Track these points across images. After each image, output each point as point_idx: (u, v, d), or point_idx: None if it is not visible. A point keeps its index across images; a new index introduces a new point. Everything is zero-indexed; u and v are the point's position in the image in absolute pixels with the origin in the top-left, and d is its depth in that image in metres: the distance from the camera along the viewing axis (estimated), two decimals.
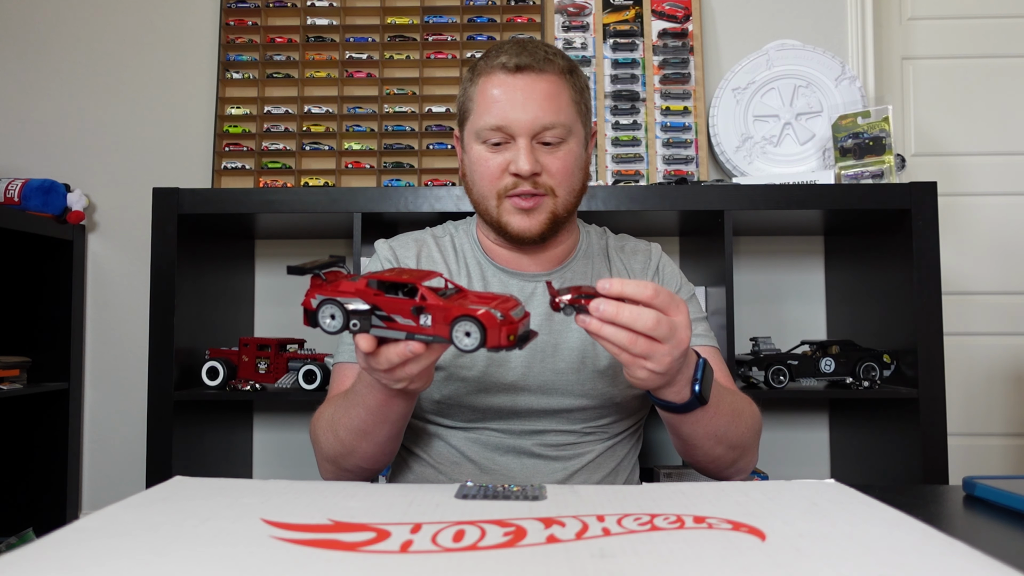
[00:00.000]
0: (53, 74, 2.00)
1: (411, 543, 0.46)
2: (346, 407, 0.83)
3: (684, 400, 0.77)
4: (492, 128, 0.91)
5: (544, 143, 0.92)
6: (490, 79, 0.93)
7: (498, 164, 0.92)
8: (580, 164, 0.96)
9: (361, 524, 0.50)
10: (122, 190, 1.96)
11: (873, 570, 0.41)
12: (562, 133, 0.92)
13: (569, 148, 0.93)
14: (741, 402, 0.89)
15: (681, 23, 1.95)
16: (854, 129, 1.70)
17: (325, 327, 0.67)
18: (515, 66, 0.91)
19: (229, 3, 1.98)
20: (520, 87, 0.91)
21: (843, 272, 1.83)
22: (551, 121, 0.90)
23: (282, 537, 0.47)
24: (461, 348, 0.63)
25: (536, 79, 0.91)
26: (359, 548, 0.45)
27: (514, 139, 0.91)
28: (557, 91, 0.92)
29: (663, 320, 0.68)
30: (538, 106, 0.90)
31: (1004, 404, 1.95)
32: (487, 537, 0.47)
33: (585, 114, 0.97)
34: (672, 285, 1.03)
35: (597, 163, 1.90)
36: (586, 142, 0.99)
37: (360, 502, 0.56)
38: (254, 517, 0.51)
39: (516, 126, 0.90)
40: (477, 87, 0.95)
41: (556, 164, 0.92)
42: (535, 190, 0.91)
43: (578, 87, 0.96)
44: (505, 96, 0.91)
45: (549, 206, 0.92)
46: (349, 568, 0.42)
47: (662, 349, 0.69)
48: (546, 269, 1.00)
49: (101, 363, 1.95)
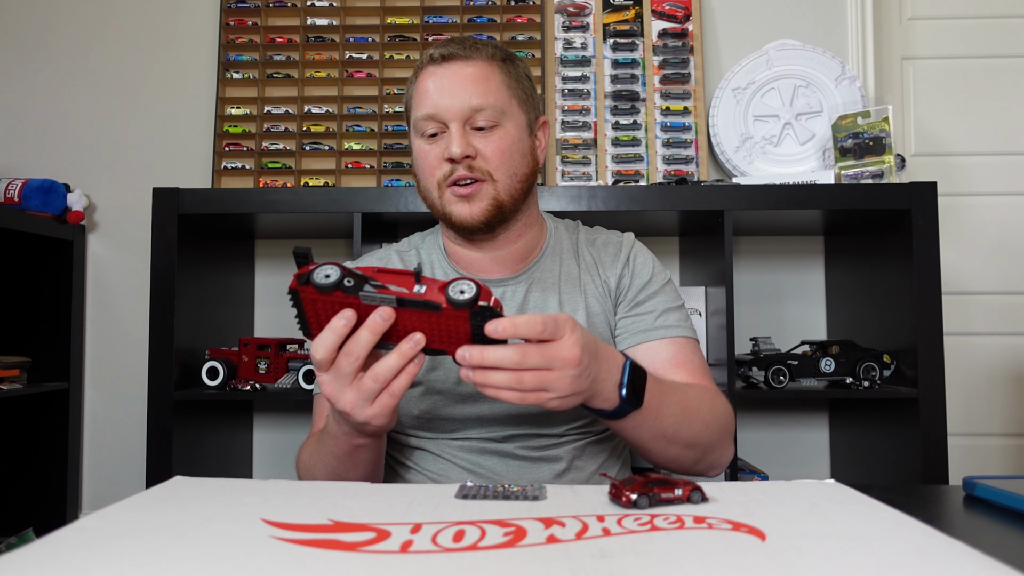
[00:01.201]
0: (53, 74, 2.00)
1: (411, 543, 0.46)
2: (320, 453, 0.84)
3: (614, 406, 0.75)
4: (425, 118, 0.92)
5: (477, 128, 0.92)
6: (422, 73, 0.95)
7: (436, 155, 0.93)
8: (520, 148, 0.95)
9: (361, 524, 0.50)
10: (122, 190, 1.96)
11: (873, 570, 0.41)
12: (493, 116, 0.92)
13: (505, 131, 0.93)
14: (697, 399, 0.86)
15: (681, 23, 1.95)
16: (854, 129, 1.70)
17: (318, 281, 0.65)
18: (440, 56, 0.93)
19: (229, 3, 1.98)
20: (447, 75, 0.92)
21: (843, 272, 1.83)
22: (479, 103, 0.91)
23: (282, 537, 0.47)
24: (455, 300, 0.64)
25: (463, 66, 0.93)
26: (359, 548, 0.45)
27: (447, 127, 0.92)
28: (485, 75, 0.93)
29: (530, 351, 0.66)
30: (465, 90, 0.91)
31: (1004, 404, 1.95)
32: (487, 537, 0.47)
33: (525, 100, 0.97)
34: (643, 274, 1.00)
35: (597, 163, 1.90)
36: (530, 129, 0.98)
37: (360, 502, 0.56)
38: (254, 517, 0.51)
39: (445, 112, 0.91)
40: (414, 85, 0.97)
41: (490, 147, 0.92)
42: (471, 174, 0.91)
43: (513, 74, 0.96)
44: (434, 86, 0.92)
45: (490, 192, 0.92)
46: (349, 568, 0.42)
47: (552, 376, 0.67)
48: (512, 271, 0.99)
49: (101, 363, 1.95)
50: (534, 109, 0.99)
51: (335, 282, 0.65)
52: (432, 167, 0.93)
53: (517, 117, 0.95)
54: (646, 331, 0.96)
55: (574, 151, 1.91)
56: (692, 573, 0.40)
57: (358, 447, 0.78)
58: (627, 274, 1.00)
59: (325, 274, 0.66)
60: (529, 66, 1.13)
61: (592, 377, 0.71)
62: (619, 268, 1.00)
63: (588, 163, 1.91)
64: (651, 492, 0.55)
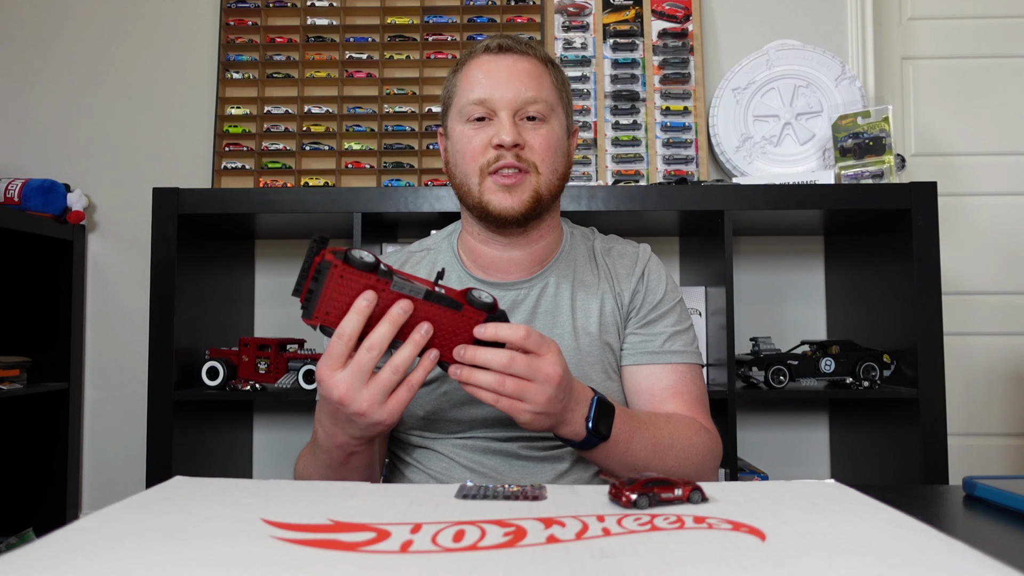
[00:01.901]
0: (53, 74, 2.00)
1: (411, 543, 0.46)
2: (315, 464, 0.84)
3: (581, 437, 0.79)
4: (475, 102, 0.92)
5: (528, 118, 0.93)
6: (473, 62, 0.95)
7: (481, 140, 0.92)
8: (562, 148, 0.96)
9: (361, 524, 0.50)
10: (122, 190, 1.96)
11: (873, 570, 0.41)
12: (544, 109, 0.93)
13: (551, 128, 0.94)
14: (673, 434, 0.87)
15: (681, 23, 1.95)
16: (854, 129, 1.70)
17: (356, 258, 0.67)
18: (498, 47, 0.94)
19: (229, 3, 1.98)
20: (503, 67, 0.93)
21: (843, 272, 1.83)
22: (533, 95, 0.92)
23: (282, 537, 0.47)
24: (476, 300, 0.71)
25: (518, 59, 0.94)
26: (359, 548, 0.45)
27: (496, 114, 0.92)
28: (540, 72, 0.94)
29: (518, 358, 0.71)
30: (520, 82, 0.92)
31: (1004, 404, 1.95)
32: (487, 537, 0.47)
33: (567, 105, 0.99)
34: (658, 291, 1.00)
35: (597, 163, 1.90)
36: (568, 132, 0.99)
37: (360, 502, 0.56)
38: (254, 517, 0.51)
39: (499, 100, 0.91)
40: (461, 74, 0.96)
41: (539, 140, 0.92)
42: (518, 163, 0.91)
43: (559, 78, 0.98)
44: (488, 75, 0.93)
45: (532, 183, 0.92)
46: (349, 568, 0.42)
47: (532, 387, 0.72)
48: (528, 274, 0.99)
49: (101, 363, 1.95)
50: (571, 115, 1.02)
51: (372, 264, 0.68)
52: (475, 152, 0.92)
53: (561, 117, 0.96)
54: (652, 353, 0.97)
55: (574, 151, 1.91)
56: (692, 573, 0.40)
57: (352, 455, 0.79)
58: (641, 289, 1.00)
59: (362, 255, 0.68)
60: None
61: (564, 403, 0.76)
62: (634, 283, 1.00)
63: (588, 163, 1.91)
64: (651, 492, 0.55)
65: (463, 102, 0.94)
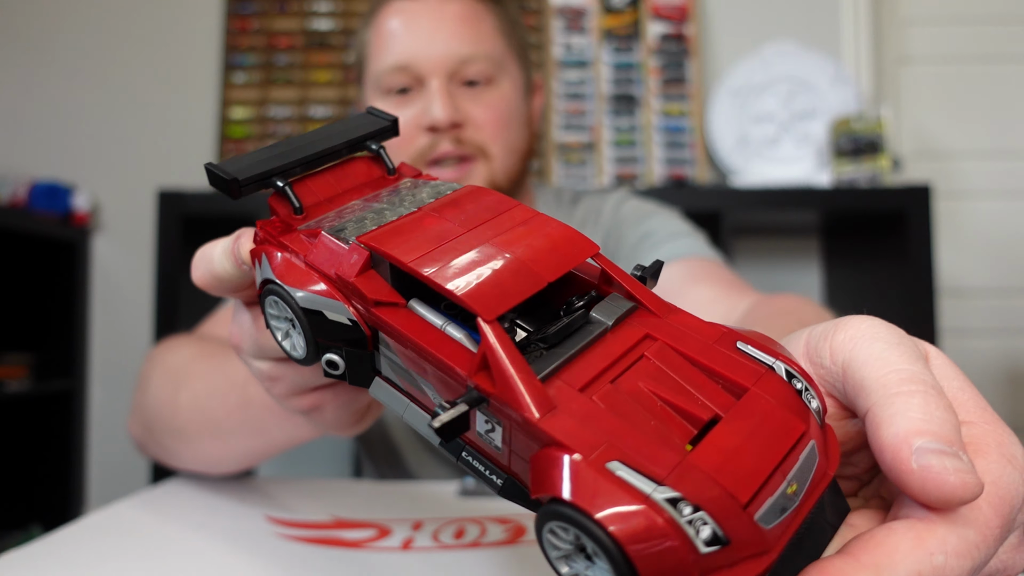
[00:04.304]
0: (58, 76, 2.02)
1: (413, 540, 0.47)
2: (224, 403, 0.50)
3: None
4: (393, 69, 0.69)
5: (468, 83, 0.70)
6: (385, 8, 0.72)
7: (407, 121, 0.67)
8: (519, 116, 0.74)
9: (363, 521, 0.51)
10: (127, 191, 1.98)
11: None
12: (488, 68, 0.70)
13: (500, 92, 0.71)
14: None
15: (679, 26, 1.96)
16: (850, 131, 1.71)
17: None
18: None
19: (232, 7, 2.00)
20: (424, 12, 0.69)
21: (839, 273, 1.84)
22: (469, 52, 0.69)
23: (285, 534, 0.48)
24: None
25: (444, 1, 0.70)
26: (361, 545, 0.46)
27: (424, 82, 0.69)
28: (475, 15, 0.70)
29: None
30: (450, 32, 0.69)
31: (1000, 405, 1.96)
32: (488, 534, 0.48)
33: (522, 54, 0.76)
34: (636, 233, 0.80)
35: (596, 164, 1.92)
36: (527, 92, 0.76)
37: (362, 499, 0.58)
38: (258, 514, 0.53)
39: (424, 61, 0.68)
40: (371, 27, 0.73)
41: (484, 112, 0.69)
42: (459, 150, 0.69)
43: (507, 18, 0.75)
44: (405, 27, 0.69)
45: (482, 173, 0.70)
46: (351, 565, 0.43)
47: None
48: None
49: (107, 362, 1.96)
50: (530, 66, 0.78)
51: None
52: (403, 140, 0.67)
53: (514, 74, 0.74)
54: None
55: (573, 153, 1.93)
56: None
57: (313, 432, 0.48)
58: (612, 247, 0.80)
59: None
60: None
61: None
62: (600, 239, 0.79)
63: (587, 164, 1.92)
64: None
65: (379, 69, 0.70)
